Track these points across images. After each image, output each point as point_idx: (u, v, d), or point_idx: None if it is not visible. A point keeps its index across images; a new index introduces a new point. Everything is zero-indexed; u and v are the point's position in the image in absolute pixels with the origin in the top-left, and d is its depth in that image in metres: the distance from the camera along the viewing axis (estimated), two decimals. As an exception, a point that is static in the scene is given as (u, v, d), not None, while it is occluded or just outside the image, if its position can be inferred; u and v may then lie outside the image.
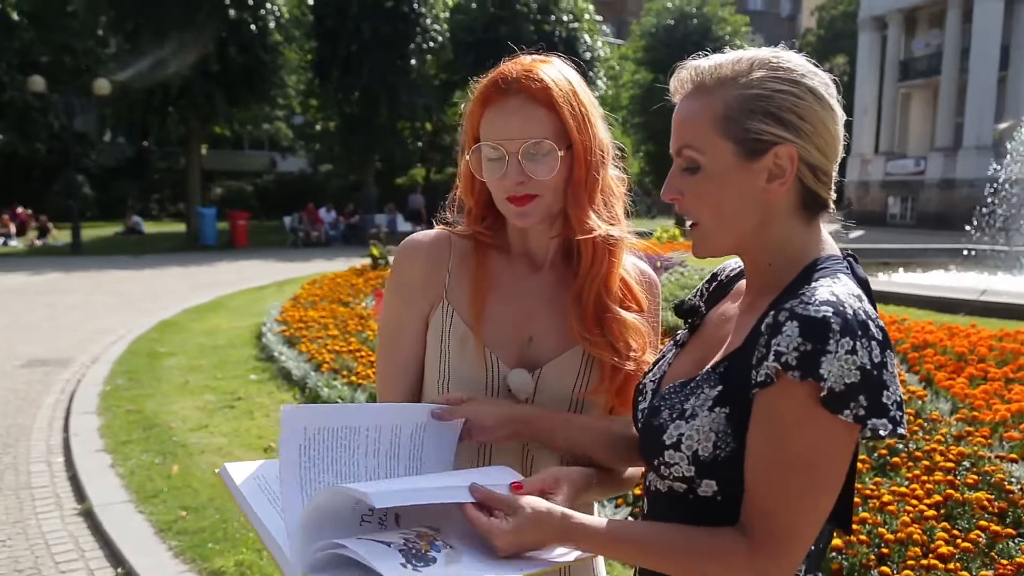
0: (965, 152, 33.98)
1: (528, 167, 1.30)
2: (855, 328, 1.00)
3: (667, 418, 1.14)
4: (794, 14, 69.53)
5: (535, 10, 28.02)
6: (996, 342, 6.56)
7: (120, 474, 4.91)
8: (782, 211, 1.14)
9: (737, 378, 1.10)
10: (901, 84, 38.81)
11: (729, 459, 1.09)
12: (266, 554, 3.75)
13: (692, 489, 1.13)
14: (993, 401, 4.94)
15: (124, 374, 7.41)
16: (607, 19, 42.56)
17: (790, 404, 1.02)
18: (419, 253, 1.42)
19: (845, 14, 52.26)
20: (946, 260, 14.85)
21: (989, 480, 3.72)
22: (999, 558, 3.07)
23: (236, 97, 23.16)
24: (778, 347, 1.02)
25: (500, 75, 1.33)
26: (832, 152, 1.14)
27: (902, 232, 31.53)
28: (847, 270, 1.14)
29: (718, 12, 33.04)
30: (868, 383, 1.00)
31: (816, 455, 1.03)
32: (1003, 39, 33.60)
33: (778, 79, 1.11)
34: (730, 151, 1.11)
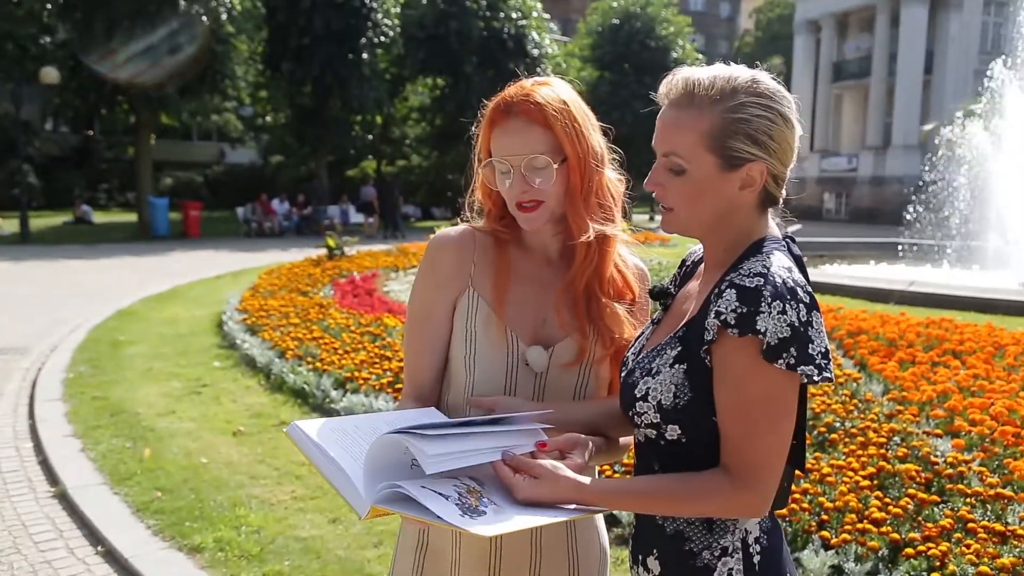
0: (894, 151, 35.02)
1: (530, 178, 1.48)
2: (784, 293, 1.21)
3: (638, 376, 1.34)
4: (733, 16, 70.55)
5: (484, 7, 28.05)
6: (923, 328, 6.89)
7: (92, 458, 4.91)
8: (744, 209, 1.34)
9: (693, 339, 1.30)
10: (834, 85, 39.77)
11: (687, 406, 1.29)
12: (244, 530, 3.85)
13: (661, 435, 1.33)
14: (920, 383, 5.22)
15: (86, 362, 7.34)
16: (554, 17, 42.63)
17: (736, 357, 1.22)
18: (450, 246, 1.58)
19: (781, 17, 53.29)
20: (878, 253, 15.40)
21: (917, 454, 3.97)
22: (925, 522, 3.31)
23: (187, 87, 22.74)
24: (719, 309, 1.23)
25: (503, 99, 1.51)
26: (789, 162, 1.35)
27: (837, 226, 32.34)
28: (784, 248, 1.34)
29: (661, 12, 33.43)
30: (797, 338, 1.19)
31: (766, 396, 1.23)
32: (928, 44, 34.72)
33: (758, 105, 1.29)
34: (712, 163, 1.30)
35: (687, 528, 1.32)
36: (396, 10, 27.52)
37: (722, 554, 1.31)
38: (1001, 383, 5.18)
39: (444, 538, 1.57)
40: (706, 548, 1.31)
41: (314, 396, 5.83)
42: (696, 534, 1.32)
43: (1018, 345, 6.29)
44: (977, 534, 3.15)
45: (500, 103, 1.51)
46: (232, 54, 23.39)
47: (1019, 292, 9.62)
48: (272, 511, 4.08)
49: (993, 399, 4.74)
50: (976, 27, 34.76)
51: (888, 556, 3.15)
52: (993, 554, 3.02)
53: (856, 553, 3.14)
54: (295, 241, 22.01)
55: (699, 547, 1.32)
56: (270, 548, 3.69)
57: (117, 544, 3.79)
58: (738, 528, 1.32)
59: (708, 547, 1.31)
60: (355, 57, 25.70)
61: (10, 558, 3.75)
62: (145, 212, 23.39)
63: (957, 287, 9.75)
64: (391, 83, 29.31)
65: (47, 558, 3.76)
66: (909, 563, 3.05)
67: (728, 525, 1.32)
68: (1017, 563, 2.94)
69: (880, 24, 35.79)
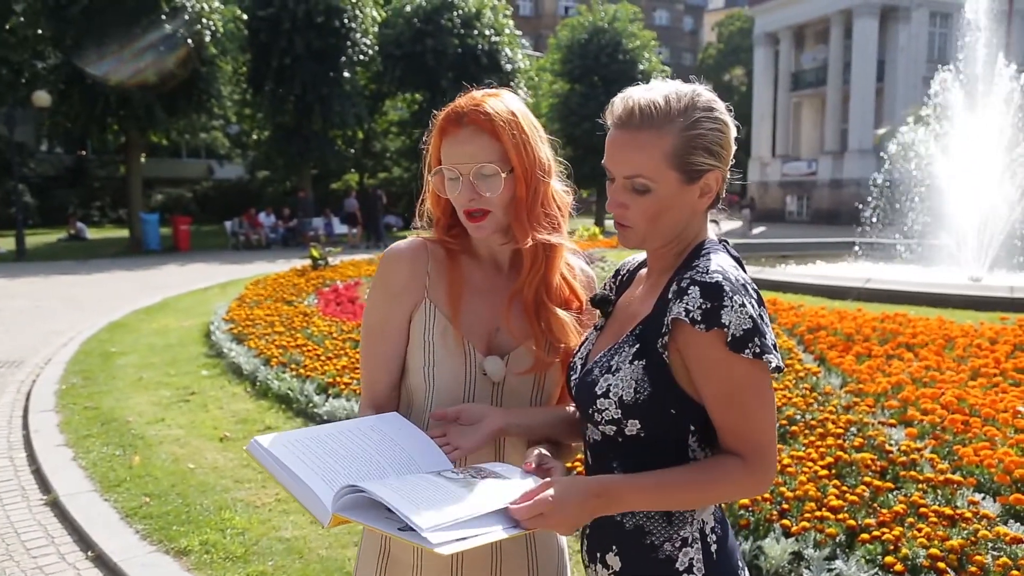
0: (850, 155, 35.40)
1: (479, 186, 1.45)
2: (739, 289, 1.23)
3: (597, 374, 1.33)
4: (696, 29, 71.05)
5: (459, 25, 28.02)
6: (879, 323, 6.94)
7: (83, 466, 4.84)
8: (699, 215, 1.36)
9: (650, 336, 1.29)
10: (793, 93, 40.14)
11: (647, 401, 1.28)
12: (229, 532, 3.80)
13: (620, 431, 1.31)
14: (876, 375, 5.25)
15: (79, 373, 7.24)
16: (526, 33, 42.75)
17: (709, 351, 1.23)
18: (403, 258, 1.54)
19: (742, 30, 53.69)
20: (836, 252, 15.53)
21: (872, 443, 3.99)
22: (880, 508, 3.32)
23: (174, 107, 22.54)
24: (686, 306, 1.22)
25: (454, 109, 1.48)
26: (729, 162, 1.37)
27: (799, 227, 32.64)
28: (723, 250, 1.35)
29: (628, 27, 33.53)
30: (756, 329, 1.22)
31: (748, 381, 1.24)
32: (879, 54, 35.18)
33: (709, 119, 1.31)
34: (676, 179, 1.30)
35: (647, 522, 1.31)
36: (375, 29, 27.43)
37: (682, 545, 1.31)
38: (951, 373, 5.23)
39: (406, 546, 1.53)
40: (667, 540, 1.31)
41: (298, 401, 5.77)
42: (656, 527, 1.31)
43: (967, 337, 6.35)
44: (928, 518, 3.16)
45: (451, 113, 1.48)
46: (217, 74, 23.22)
47: (968, 287, 9.73)
48: (256, 513, 4.03)
49: (943, 389, 4.79)
50: (924, 38, 35.32)
51: (845, 541, 3.16)
52: (943, 536, 3.03)
53: (815, 540, 3.14)
54: (281, 253, 21.85)
55: (660, 539, 1.31)
56: (254, 549, 3.65)
57: (107, 549, 3.74)
58: (695, 519, 1.32)
59: (669, 539, 1.31)
60: (335, 75, 25.58)
61: (3, 565, 3.69)
62: (137, 228, 23.16)
63: (910, 283, 9.84)
64: (371, 99, 29.19)
65: (39, 564, 3.70)
66: (865, 548, 3.06)
67: (686, 516, 1.31)
68: (965, 544, 2.95)
69: (834, 36, 36.19)
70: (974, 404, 4.51)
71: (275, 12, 24.52)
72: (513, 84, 29.21)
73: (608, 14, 33.70)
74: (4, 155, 26.39)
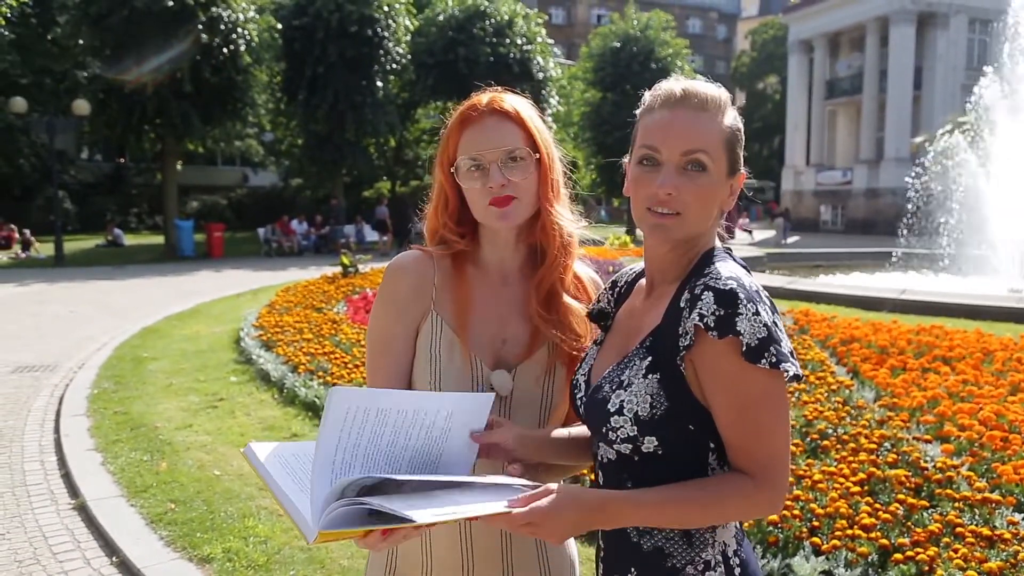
0: (886, 163, 34.87)
1: (507, 172, 1.43)
2: (754, 296, 1.18)
3: (608, 390, 1.26)
4: (729, 37, 70.64)
5: (491, 34, 28.10)
6: (914, 336, 6.79)
7: (111, 471, 4.88)
8: (718, 217, 1.33)
9: (663, 348, 1.23)
10: (828, 102, 39.67)
11: (664, 416, 1.22)
12: (252, 541, 3.79)
13: (637, 448, 1.24)
14: (911, 389, 5.13)
15: (110, 378, 7.33)
16: (558, 42, 42.80)
17: (722, 361, 1.17)
18: (408, 272, 1.50)
19: (776, 38, 53.26)
20: (871, 263, 15.28)
21: (907, 459, 3.88)
22: (915, 527, 3.22)
23: (210, 116, 22.88)
24: (700, 311, 1.18)
25: (472, 104, 1.47)
26: None
27: (834, 237, 32.20)
28: (731, 258, 1.31)
29: (660, 35, 33.41)
30: (772, 337, 1.16)
31: (763, 395, 1.18)
32: (916, 61, 34.61)
33: (739, 122, 1.32)
34: (725, 165, 1.29)
35: (667, 544, 1.26)
36: (407, 38, 27.63)
37: (705, 568, 1.25)
38: (989, 388, 5.09)
39: (414, 563, 1.50)
40: (689, 563, 1.25)
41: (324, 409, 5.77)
42: (677, 549, 1.25)
43: (1006, 350, 6.18)
44: (965, 538, 3.06)
45: (472, 106, 1.47)
46: (252, 83, 23.53)
47: (1007, 298, 9.50)
48: (279, 522, 4.03)
49: (982, 404, 4.65)
50: (962, 44, 34.65)
51: (878, 561, 3.06)
52: (981, 558, 2.93)
53: (846, 559, 3.05)
54: (313, 260, 22.05)
55: (681, 562, 1.25)
56: (276, 558, 3.64)
57: (131, 555, 3.75)
58: (717, 541, 1.26)
59: (691, 562, 1.25)
60: (368, 84, 25.78)
61: (30, 569, 3.72)
62: (172, 234, 23.50)
63: (947, 295, 9.64)
64: (403, 107, 29.36)
65: (65, 569, 3.73)
66: (898, 568, 2.97)
67: (707, 538, 1.25)
68: (1004, 567, 2.85)
69: (870, 43, 35.71)
70: (1014, 420, 4.37)
71: (309, 21, 24.81)
72: (545, 92, 29.26)
73: (641, 22, 33.61)
74: (45, 162, 27.00)
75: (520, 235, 1.51)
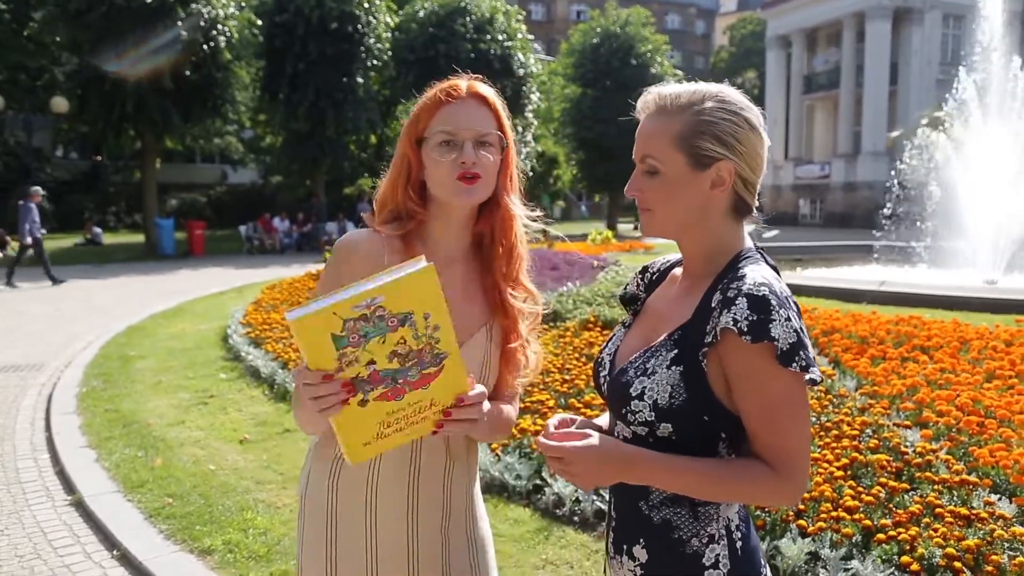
0: (863, 158, 35.25)
1: (480, 152, 1.53)
2: (785, 302, 1.25)
3: (632, 375, 1.35)
4: (708, 33, 70.99)
5: (472, 30, 28.10)
6: (893, 326, 6.93)
7: (106, 467, 4.91)
8: (718, 212, 1.38)
9: (688, 344, 1.32)
10: (805, 96, 40.02)
11: (682, 406, 1.30)
12: (252, 532, 3.86)
13: (652, 432, 1.33)
14: (891, 377, 5.24)
15: (98, 376, 7.33)
16: (538, 38, 42.85)
17: (753, 362, 1.25)
18: (358, 250, 1.56)
19: (754, 33, 53.68)
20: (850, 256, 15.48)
21: (888, 444, 4.00)
22: (896, 509, 3.35)
23: (189, 113, 22.75)
24: (734, 315, 1.24)
25: (452, 85, 1.57)
26: (759, 170, 1.39)
27: (812, 230, 32.49)
28: (763, 260, 1.38)
29: (639, 31, 33.56)
30: (801, 343, 1.24)
31: (788, 396, 1.26)
32: (892, 56, 35.00)
33: (723, 110, 1.35)
34: (682, 162, 1.35)
35: (674, 517, 1.34)
36: (388, 35, 27.58)
37: (709, 541, 1.34)
38: (966, 375, 5.23)
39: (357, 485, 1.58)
40: (694, 535, 1.34)
41: (317, 404, 5.82)
42: (684, 522, 1.34)
43: (982, 339, 6.34)
44: (944, 518, 3.18)
45: (453, 86, 1.55)
46: (232, 80, 23.41)
47: (984, 290, 9.70)
48: (278, 514, 4.09)
49: (959, 391, 4.79)
50: (937, 40, 35.16)
51: (861, 542, 3.18)
52: (959, 536, 3.06)
53: (831, 540, 3.17)
54: (296, 257, 22.01)
55: (687, 535, 1.34)
56: (277, 549, 3.71)
57: (132, 548, 3.80)
58: (721, 516, 1.35)
59: (696, 534, 1.34)
60: (349, 80, 25.71)
61: (31, 563, 3.76)
62: (152, 232, 23.36)
63: (925, 286, 9.81)
64: (384, 104, 29.32)
65: (66, 563, 3.77)
66: (881, 548, 3.09)
67: (712, 513, 1.34)
68: (981, 544, 2.97)
69: (847, 39, 36.08)
70: (989, 406, 4.51)
71: (290, 18, 24.69)
72: (525, 88, 29.31)
73: (620, 18, 33.76)
74: (21, 160, 26.71)
75: (471, 219, 1.61)
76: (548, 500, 3.93)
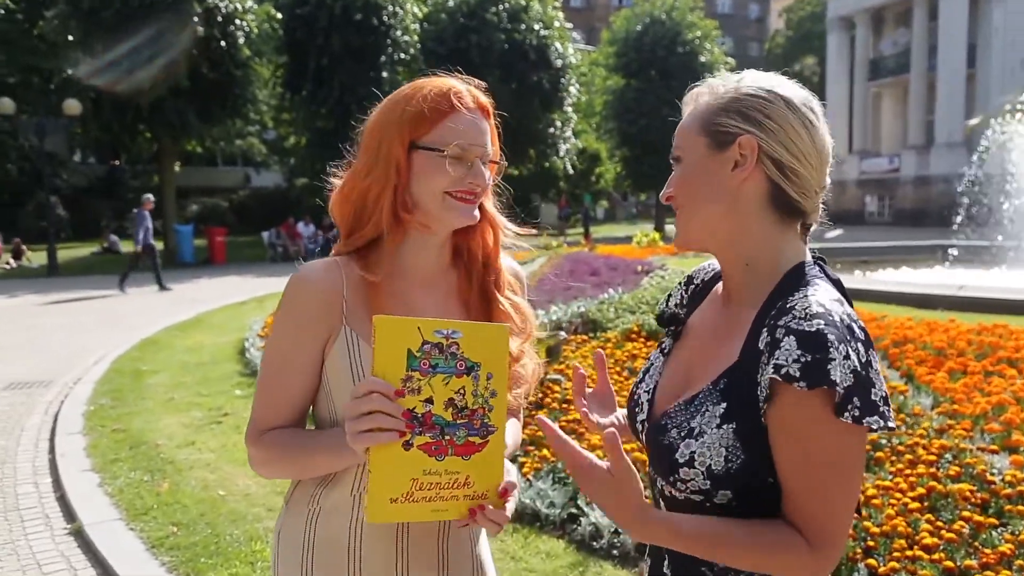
0: (937, 149, 34.53)
1: (483, 170, 1.47)
2: (844, 334, 1.10)
3: (676, 437, 1.21)
4: (762, 16, 70.37)
5: (505, 19, 28.17)
6: (975, 336, 6.69)
7: (109, 493, 4.90)
8: (751, 202, 1.23)
9: (739, 394, 1.17)
10: (871, 83, 39.38)
11: (741, 470, 1.16)
12: (259, 566, 3.78)
13: (709, 499, 1.20)
14: (973, 394, 5.04)
15: (108, 393, 7.38)
16: (577, 26, 42.81)
17: (799, 411, 1.11)
18: (313, 286, 1.45)
19: (813, 15, 53.02)
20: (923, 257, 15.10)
21: (971, 472, 3.80)
22: (982, 548, 3.15)
23: (208, 114, 23.07)
24: (777, 361, 1.10)
25: (456, 91, 1.46)
26: (802, 154, 1.22)
27: (880, 229, 31.94)
28: (821, 274, 1.23)
29: (687, 17, 33.33)
30: (860, 384, 1.09)
31: (836, 453, 1.12)
32: (969, 36, 34.21)
33: (755, 87, 1.24)
34: (703, 144, 1.25)
35: None
36: (415, 26, 27.73)
37: None
38: (1060, 391, 4.99)
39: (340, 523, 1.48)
40: None
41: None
42: None
43: (1077, 350, 6.07)
44: (1039, 558, 2.99)
45: (457, 93, 1.46)
46: (252, 78, 23.70)
47: (1076, 293, 9.33)
48: (290, 546, 4.01)
49: (1052, 409, 4.56)
50: (1021, 16, 34.15)
51: (942, 584, 3.00)
52: (1057, 579, 2.86)
53: (907, 581, 2.99)
54: (321, 264, 22.10)
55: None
56: (287, 586, 3.62)
57: (130, 584, 3.75)
58: None
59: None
60: (375, 75, 25.91)
61: (24, 600, 3.74)
62: (171, 239, 23.73)
63: (1011, 290, 9.48)
64: (414, 100, 29.48)
65: (60, 600, 3.74)
66: (965, 591, 2.90)
67: None
68: (1084, 589, 2.77)
69: (918, 17, 35.39)
70: (1088, 427, 4.28)
71: (311, 10, 24.99)
72: (564, 80, 29.27)
73: (666, 3, 33.57)
74: (35, 166, 27.34)
75: (449, 236, 1.53)
76: (584, 531, 3.80)
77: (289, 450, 1.43)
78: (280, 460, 1.45)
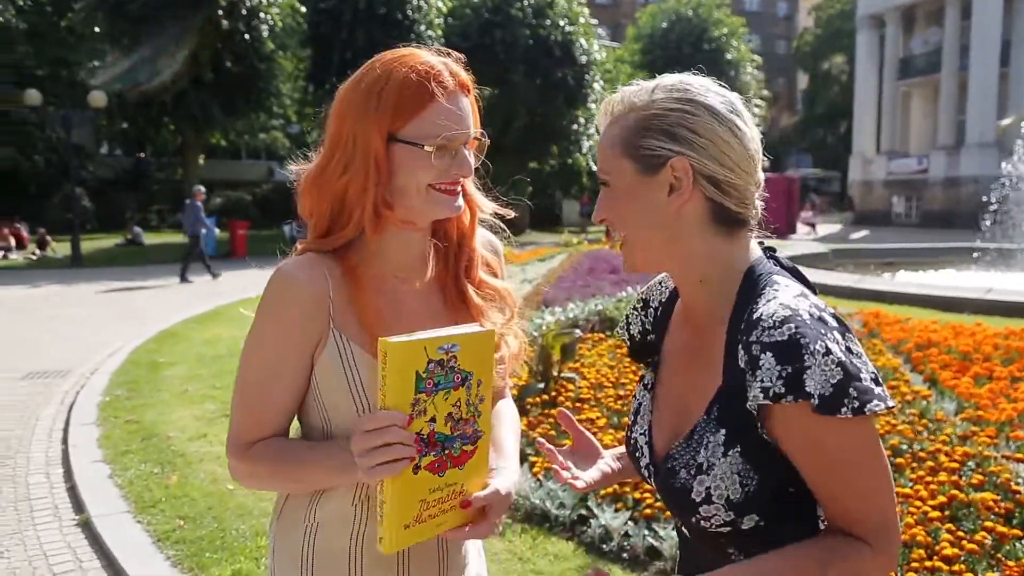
0: (968, 150, 34.02)
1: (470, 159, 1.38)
2: (818, 330, 1.06)
3: (687, 476, 1.17)
4: (791, 14, 69.74)
5: (530, 15, 28.12)
6: (1002, 340, 6.55)
7: (119, 484, 4.90)
8: (693, 224, 1.19)
9: (733, 417, 1.13)
10: (901, 82, 38.87)
11: (759, 491, 1.13)
12: (263, 562, 3.75)
13: (736, 528, 1.16)
14: (999, 400, 4.92)
15: (124, 384, 7.40)
16: (602, 22, 42.65)
17: (804, 423, 1.07)
18: (301, 286, 1.35)
19: (843, 12, 52.38)
20: (950, 259, 14.86)
21: (995, 480, 3.69)
22: (1005, 560, 3.05)
23: (231, 107, 23.21)
24: (763, 384, 1.06)
25: (438, 73, 1.34)
26: (736, 166, 1.17)
27: (907, 231, 31.56)
28: (775, 267, 1.20)
29: (713, 13, 33.13)
30: (848, 375, 1.04)
31: (853, 452, 1.08)
32: (1003, 34, 33.62)
33: (673, 99, 1.17)
34: (630, 168, 1.19)
35: None
36: (439, 21, 27.74)
37: None
38: (1089, 399, 4.86)
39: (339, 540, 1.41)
40: None
41: (347, 419, 5.75)
42: None
43: (1108, 356, 5.91)
44: (1064, 572, 2.89)
45: (434, 73, 1.32)
46: (276, 71, 23.81)
47: (1108, 298, 9.12)
48: (295, 543, 3.98)
49: (1080, 417, 4.43)
50: (1055, 15, 33.59)
51: (962, 596, 2.91)
52: (1083, 595, 2.76)
53: (925, 593, 2.90)
54: (342, 258, 22.17)
55: None
56: (290, 583, 3.58)
57: (134, 576, 3.74)
58: None
59: None
60: (400, 70, 25.96)
61: (29, 591, 3.73)
62: (194, 232, 23.85)
63: (1038, 293, 9.28)
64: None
65: (64, 591, 3.73)
66: (986, 605, 2.81)
67: None
68: (1111, 606, 2.67)
69: (950, 16, 34.85)
70: (1118, 436, 4.15)
71: (336, 4, 25.05)
72: (588, 77, 29.15)
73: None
74: (62, 158, 27.62)
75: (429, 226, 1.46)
76: (594, 533, 3.73)
77: (282, 465, 1.36)
78: (271, 475, 1.38)
